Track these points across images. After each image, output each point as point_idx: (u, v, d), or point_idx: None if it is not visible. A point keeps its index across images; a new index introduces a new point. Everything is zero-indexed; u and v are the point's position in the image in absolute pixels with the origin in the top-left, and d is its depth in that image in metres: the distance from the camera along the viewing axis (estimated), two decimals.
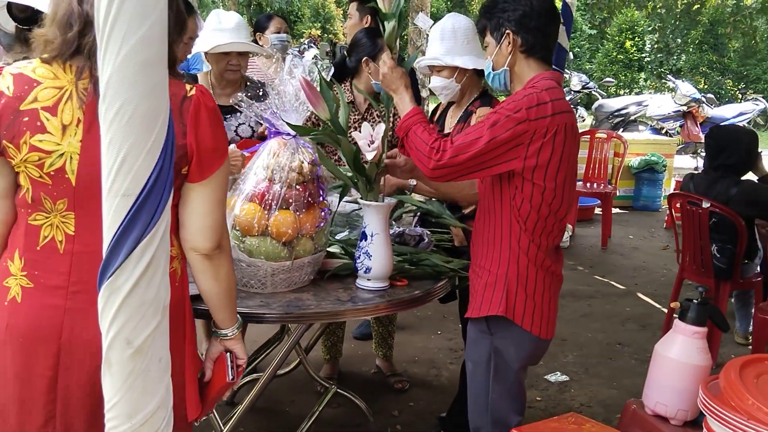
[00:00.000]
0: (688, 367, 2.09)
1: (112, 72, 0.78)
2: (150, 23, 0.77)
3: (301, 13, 26.58)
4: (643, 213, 7.79)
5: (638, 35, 17.54)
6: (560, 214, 2.09)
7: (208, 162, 1.52)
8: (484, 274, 2.16)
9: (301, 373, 3.37)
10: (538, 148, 1.97)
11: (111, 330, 0.87)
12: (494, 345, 2.17)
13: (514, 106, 1.97)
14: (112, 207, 0.83)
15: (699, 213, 3.77)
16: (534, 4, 2.04)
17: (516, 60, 2.08)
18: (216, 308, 1.70)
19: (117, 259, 0.84)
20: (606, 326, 4.59)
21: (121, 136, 0.80)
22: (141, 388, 0.89)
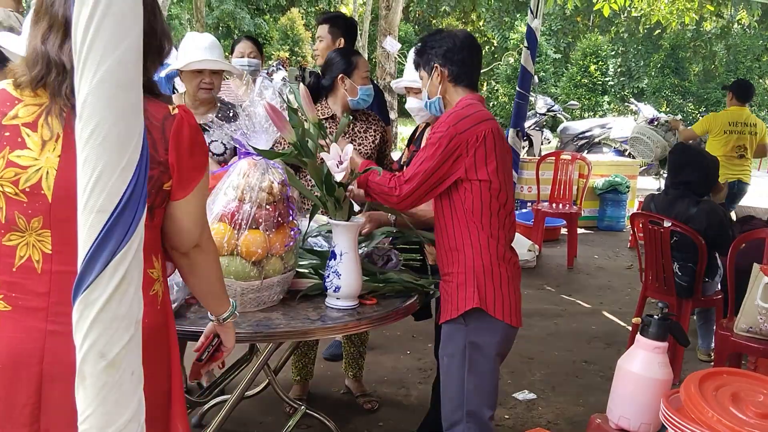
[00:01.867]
0: (649, 381, 2.15)
1: (88, 93, 0.81)
2: (125, 47, 0.80)
3: (270, 36, 26.68)
4: (608, 233, 7.93)
5: (602, 59, 17.93)
6: (508, 207, 2.35)
7: (188, 178, 1.54)
8: (454, 277, 2.35)
9: (270, 394, 3.36)
10: (474, 152, 2.24)
11: (85, 343, 0.88)
12: (469, 338, 2.33)
13: (444, 127, 2.27)
14: (87, 223, 0.85)
15: (660, 232, 3.87)
16: (456, 40, 2.38)
17: (446, 88, 2.41)
18: (203, 300, 1.82)
19: (91, 274, 0.86)
20: (572, 344, 4.65)
21: (96, 155, 0.83)
22: (114, 400, 0.91)
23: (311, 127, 2.34)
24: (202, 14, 18.00)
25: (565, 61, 19.69)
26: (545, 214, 6.76)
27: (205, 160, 1.62)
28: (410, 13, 21.86)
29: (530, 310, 5.28)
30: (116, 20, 0.79)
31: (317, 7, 26.58)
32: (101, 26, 0.79)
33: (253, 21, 26.16)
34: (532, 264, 6.43)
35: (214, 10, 25.21)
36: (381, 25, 9.21)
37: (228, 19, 25.79)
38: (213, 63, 3.09)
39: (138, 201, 0.87)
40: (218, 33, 25.08)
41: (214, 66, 3.10)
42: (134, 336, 0.92)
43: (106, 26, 0.79)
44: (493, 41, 21.18)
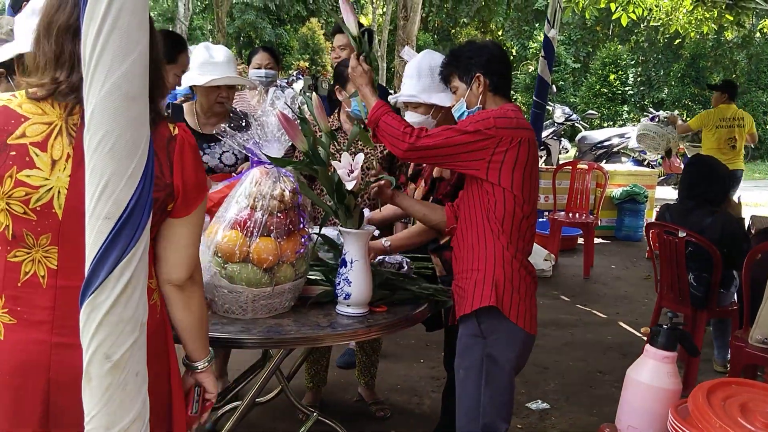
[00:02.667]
0: (658, 390, 2.15)
1: (96, 104, 0.84)
2: (131, 60, 0.84)
3: (290, 45, 26.90)
4: (626, 243, 7.89)
5: (621, 69, 17.85)
6: (531, 220, 2.35)
7: (192, 198, 1.57)
8: (472, 274, 2.35)
9: (282, 401, 3.38)
10: (503, 153, 2.24)
11: (91, 345, 0.92)
12: (487, 350, 2.33)
13: (484, 116, 2.28)
14: (94, 229, 0.89)
15: (675, 242, 3.85)
16: (495, 50, 2.42)
17: (486, 99, 2.39)
18: (188, 339, 1.72)
19: (98, 278, 0.89)
20: (587, 354, 4.63)
21: (103, 164, 0.86)
22: (119, 401, 0.94)
23: (323, 136, 2.38)
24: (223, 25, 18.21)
25: (585, 70, 19.64)
26: (561, 224, 6.75)
27: (206, 179, 1.65)
28: (429, 23, 21.95)
29: (545, 320, 5.28)
30: (123, 35, 0.82)
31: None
32: (108, 40, 0.82)
33: (273, 31, 26.41)
34: (548, 274, 6.41)
35: (235, 20, 25.48)
36: (399, 35, 9.24)
37: (249, 29, 26.06)
38: (234, 80, 3.12)
39: (143, 208, 0.90)
40: (239, 42, 25.34)
41: (235, 82, 3.13)
42: (139, 338, 0.95)
43: (114, 40, 0.82)
44: (512, 51, 21.18)
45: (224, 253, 2.23)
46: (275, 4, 25.60)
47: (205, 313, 1.74)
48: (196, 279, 1.67)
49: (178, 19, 17.14)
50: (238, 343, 2.21)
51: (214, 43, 12.29)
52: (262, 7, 25.37)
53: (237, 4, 24.92)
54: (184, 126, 1.60)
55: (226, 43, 19.71)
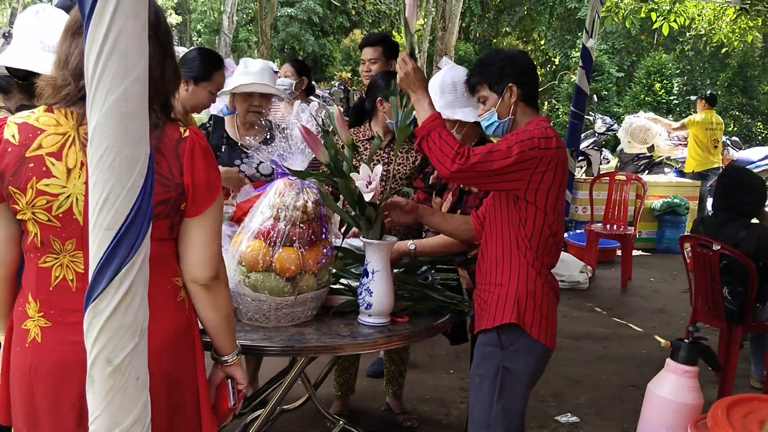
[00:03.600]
0: (678, 405, 2.13)
1: (98, 121, 0.90)
2: (130, 80, 0.89)
3: (333, 57, 27.17)
4: (666, 256, 7.76)
5: (666, 78, 17.55)
6: (558, 236, 2.36)
7: (203, 198, 1.63)
8: (495, 289, 2.37)
9: (311, 409, 3.43)
10: (542, 173, 2.23)
11: (94, 349, 0.97)
12: (503, 362, 2.34)
13: (528, 135, 2.22)
14: (96, 239, 0.94)
15: (709, 255, 3.79)
16: (525, 60, 2.40)
17: (518, 108, 2.36)
18: (216, 335, 1.81)
19: (100, 286, 0.94)
20: (621, 368, 4.58)
21: (104, 178, 0.91)
22: (120, 403, 0.99)
23: (346, 148, 2.42)
24: (267, 37, 18.51)
25: (629, 79, 19.38)
26: (599, 236, 6.67)
27: (219, 180, 1.70)
28: (470, 33, 21.93)
29: (579, 332, 5.23)
30: (122, 57, 0.87)
31: (380, 28, 26.94)
32: (109, 62, 0.87)
33: (317, 42, 26.69)
34: (584, 286, 6.35)
35: (280, 33, 25.84)
36: (438, 45, 9.28)
37: (293, 41, 26.39)
38: (261, 87, 3.22)
39: (143, 220, 0.95)
40: (283, 54, 25.68)
41: (261, 89, 3.23)
42: (138, 344, 0.99)
43: (113, 62, 0.87)
44: (554, 60, 21.04)
45: (248, 263, 2.28)
46: (319, 17, 25.89)
47: (231, 309, 1.83)
48: (221, 278, 1.74)
49: (223, 32, 17.46)
50: (260, 351, 2.26)
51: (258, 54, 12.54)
52: (306, 19, 25.69)
53: (281, 16, 25.28)
54: (197, 129, 1.68)
55: (270, 54, 20.02)
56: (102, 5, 0.85)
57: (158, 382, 1.60)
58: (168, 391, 1.66)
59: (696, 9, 8.56)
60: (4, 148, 1.50)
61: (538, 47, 22.39)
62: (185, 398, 1.72)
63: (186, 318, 1.71)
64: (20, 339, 1.60)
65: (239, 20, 27.17)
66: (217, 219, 1.70)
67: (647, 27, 16.12)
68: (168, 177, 1.57)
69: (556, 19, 20.23)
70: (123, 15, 0.86)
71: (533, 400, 3.96)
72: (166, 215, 1.60)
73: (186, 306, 1.71)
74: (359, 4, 27.18)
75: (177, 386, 1.69)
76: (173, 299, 1.68)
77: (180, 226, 1.65)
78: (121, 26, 0.86)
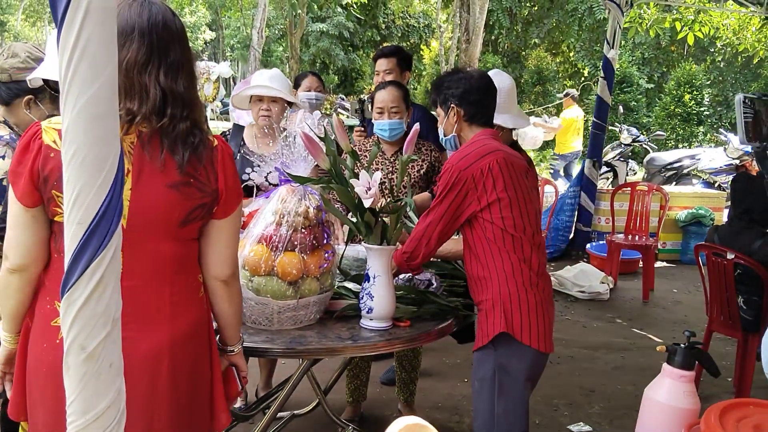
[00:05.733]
0: (674, 410, 2.14)
1: (69, 122, 0.96)
2: (99, 85, 0.95)
3: (362, 70, 27.36)
4: (690, 267, 7.64)
5: (696, 89, 17.35)
6: (528, 233, 2.38)
7: (232, 202, 1.78)
8: (483, 305, 2.42)
9: (323, 414, 3.46)
10: (483, 185, 2.31)
11: (69, 336, 1.02)
12: (498, 361, 2.38)
13: (449, 166, 2.38)
14: (70, 233, 1.00)
15: (724, 264, 3.77)
16: (472, 82, 2.47)
17: (462, 127, 2.50)
18: (226, 327, 1.95)
19: (73, 277, 1.00)
20: (637, 379, 4.53)
21: (76, 175, 0.97)
22: (93, 389, 1.04)
23: (347, 156, 2.48)
24: (297, 52, 18.74)
25: (658, 90, 19.19)
26: (620, 246, 6.63)
27: (240, 184, 1.84)
28: (498, 45, 21.93)
29: (597, 342, 5.20)
30: (90, 62, 0.94)
31: (409, 42, 27.08)
32: (78, 67, 0.94)
33: (346, 57, 26.92)
34: (604, 297, 6.32)
35: (311, 47, 26.12)
36: (461, 57, 9.33)
37: (323, 56, 26.66)
38: (267, 90, 3.29)
39: (113, 215, 1.01)
40: (314, 68, 25.93)
41: (266, 92, 3.29)
42: (111, 332, 1.05)
43: (82, 67, 0.94)
44: (583, 71, 20.92)
45: (251, 267, 2.35)
46: (349, 31, 26.12)
47: (241, 304, 1.98)
48: (237, 275, 1.89)
49: (252, 47, 17.72)
50: (262, 352, 2.32)
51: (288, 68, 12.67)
52: (336, 34, 25.94)
53: (313, 32, 25.57)
54: (221, 137, 1.80)
55: (300, 68, 20.23)
56: (72, 13, 0.91)
57: (182, 370, 1.74)
58: (189, 379, 1.77)
59: (721, 19, 8.48)
60: (46, 153, 1.57)
61: (567, 59, 22.30)
62: (202, 386, 1.85)
63: (205, 313, 1.84)
64: (49, 336, 1.65)
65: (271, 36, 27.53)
66: (238, 220, 1.84)
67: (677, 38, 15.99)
68: (206, 183, 1.70)
69: (585, 30, 20.13)
70: (92, 23, 0.92)
71: (546, 409, 3.97)
72: (200, 218, 1.73)
73: (205, 302, 1.84)
74: (389, 18, 27.36)
75: (196, 374, 1.81)
76: (196, 295, 1.81)
77: (206, 227, 1.78)
78: (90, 33, 0.92)
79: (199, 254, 1.81)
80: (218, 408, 1.89)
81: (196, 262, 1.81)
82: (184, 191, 1.66)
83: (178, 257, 1.73)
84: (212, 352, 1.87)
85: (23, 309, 1.74)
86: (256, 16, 17.80)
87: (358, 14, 24.77)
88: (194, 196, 1.68)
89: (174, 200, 1.65)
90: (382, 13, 26.66)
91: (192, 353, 1.78)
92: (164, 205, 1.64)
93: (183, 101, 1.68)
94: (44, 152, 1.58)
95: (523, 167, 2.44)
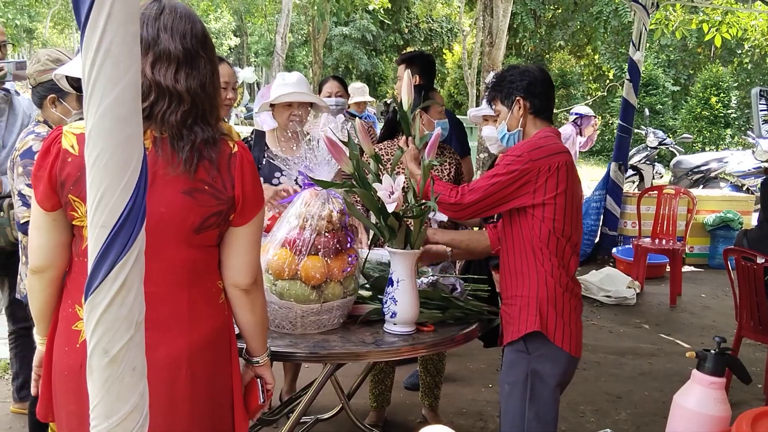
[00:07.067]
0: (704, 417, 2.09)
1: (93, 124, 0.96)
2: (122, 86, 0.95)
3: (385, 75, 27.41)
4: (719, 271, 7.52)
5: (723, 91, 17.12)
6: (573, 241, 2.38)
7: (250, 209, 1.73)
8: (517, 300, 2.41)
9: (346, 419, 3.45)
10: (544, 182, 2.29)
11: (92, 340, 1.02)
12: (531, 366, 2.37)
13: (519, 152, 2.33)
14: (94, 236, 1.00)
15: (754, 269, 3.70)
16: (537, 74, 2.45)
17: (526, 121, 2.46)
18: (250, 337, 1.90)
19: (96, 280, 1.00)
20: (665, 385, 4.47)
21: (99, 178, 0.97)
22: (117, 392, 1.04)
23: (371, 159, 2.46)
24: (320, 56, 18.81)
25: (685, 93, 18.97)
26: (647, 251, 6.54)
27: (262, 192, 1.80)
28: (522, 48, 21.83)
29: (623, 348, 5.14)
30: (113, 63, 0.93)
31: (432, 46, 27.09)
32: (102, 69, 0.93)
33: (369, 61, 27.00)
34: (631, 302, 6.24)
35: (333, 51, 26.23)
36: (484, 61, 9.31)
37: (346, 60, 26.76)
38: (300, 95, 3.28)
39: (136, 218, 1.00)
40: (337, 72, 26.04)
41: (301, 98, 3.28)
42: (135, 336, 1.04)
43: (106, 69, 0.93)
44: (608, 74, 20.75)
45: (274, 270, 2.34)
46: (372, 35, 26.21)
47: (266, 314, 1.93)
48: (259, 283, 1.84)
49: (276, 52, 17.81)
50: (286, 356, 2.31)
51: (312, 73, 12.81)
52: (359, 38, 26.03)
53: (336, 36, 25.68)
54: (243, 144, 1.75)
55: (324, 73, 20.31)
56: (96, 14, 0.91)
57: (202, 376, 1.71)
58: (209, 387, 1.74)
59: (749, 20, 8.36)
60: (63, 158, 1.59)
61: (591, 61, 22.14)
62: (222, 394, 1.81)
63: (225, 319, 1.80)
64: (71, 339, 1.66)
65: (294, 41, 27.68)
66: (259, 228, 1.79)
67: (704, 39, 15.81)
68: (221, 191, 1.66)
69: (610, 32, 19.98)
70: (115, 24, 0.92)
71: (572, 415, 3.92)
72: (217, 225, 1.69)
73: (225, 308, 1.81)
74: (412, 22, 27.39)
75: (216, 382, 1.77)
76: (215, 301, 1.77)
77: (225, 234, 1.74)
78: (113, 35, 0.92)
79: (219, 261, 1.78)
80: (238, 417, 1.85)
81: (215, 269, 1.78)
82: (198, 198, 1.63)
83: (195, 264, 1.70)
84: (233, 360, 1.84)
85: (47, 310, 1.76)
86: (279, 22, 17.89)
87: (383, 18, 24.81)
88: (209, 203, 1.65)
89: (188, 207, 1.62)
90: (405, 18, 26.71)
91: (211, 360, 1.75)
92: (178, 212, 1.62)
93: (197, 107, 1.65)
94: (62, 156, 1.59)
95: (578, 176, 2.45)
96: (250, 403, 1.94)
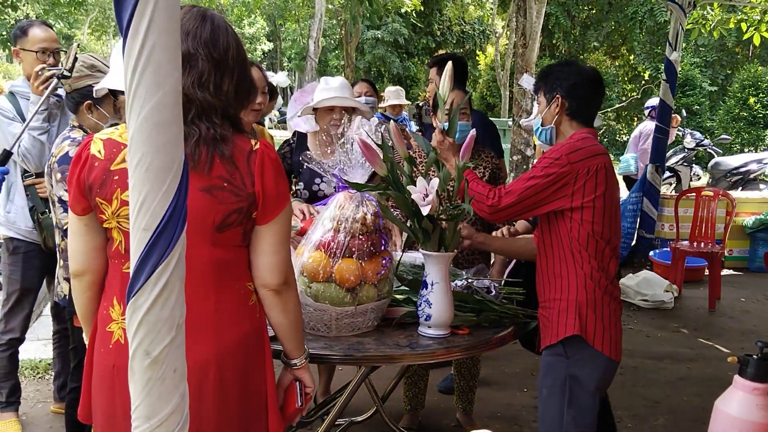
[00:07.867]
0: (747, 423, 2.05)
1: (135, 129, 0.97)
2: (163, 92, 0.96)
3: (417, 78, 27.39)
4: (759, 275, 7.37)
5: (762, 91, 16.76)
6: (612, 242, 2.36)
7: (272, 206, 1.71)
8: (555, 304, 2.38)
9: (380, 422, 3.45)
10: (583, 185, 2.27)
11: (134, 342, 1.04)
12: (570, 370, 2.35)
13: (556, 154, 2.29)
14: (136, 239, 1.02)
15: None
16: (584, 76, 2.40)
17: (561, 120, 2.43)
18: (285, 339, 1.87)
19: (138, 282, 1.01)
20: (704, 390, 4.39)
21: (141, 182, 0.99)
22: (158, 394, 1.05)
23: (404, 162, 2.46)
24: (352, 60, 18.88)
25: (722, 93, 18.63)
26: (685, 254, 6.43)
27: (287, 189, 1.78)
28: (556, 49, 21.66)
29: (662, 353, 5.06)
30: (155, 70, 0.95)
31: (464, 48, 27.00)
32: (143, 75, 0.95)
33: (401, 64, 27.00)
34: (669, 305, 6.14)
35: (366, 55, 26.30)
36: (518, 62, 9.28)
37: (379, 63, 26.80)
38: (342, 100, 3.30)
39: (177, 221, 1.02)
40: (369, 76, 26.11)
41: (343, 103, 3.30)
42: (176, 337, 1.06)
43: (147, 75, 0.95)
44: (644, 75, 20.48)
45: (309, 273, 2.35)
46: (404, 38, 26.20)
47: (300, 314, 1.89)
48: (291, 283, 1.81)
49: (309, 56, 17.94)
50: (321, 359, 2.31)
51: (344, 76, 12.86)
52: (391, 41, 26.04)
53: (368, 39, 25.74)
54: (266, 142, 1.75)
55: (356, 76, 20.39)
56: (138, 21, 0.92)
57: (231, 381, 1.70)
58: (240, 390, 1.73)
59: None
60: (91, 163, 1.63)
61: (626, 62, 21.87)
62: (255, 398, 1.79)
63: (257, 321, 1.78)
64: (104, 340, 1.69)
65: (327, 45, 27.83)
66: (286, 227, 1.77)
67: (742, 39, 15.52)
68: (240, 187, 1.66)
69: (646, 32, 19.73)
70: (156, 30, 0.93)
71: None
72: (239, 223, 1.68)
73: (257, 310, 1.78)
74: (444, 25, 27.33)
75: (248, 385, 1.76)
76: (245, 303, 1.75)
77: (252, 233, 1.73)
78: (154, 41, 0.94)
79: (248, 262, 1.76)
80: (272, 421, 1.82)
81: (245, 270, 1.76)
82: (217, 195, 1.63)
83: (220, 264, 1.68)
84: (266, 363, 1.81)
85: (88, 314, 1.79)
86: (312, 26, 18.02)
87: (416, 21, 24.82)
88: (229, 201, 1.64)
89: (207, 204, 1.62)
90: (438, 20, 26.67)
91: (242, 363, 1.73)
92: (198, 210, 1.60)
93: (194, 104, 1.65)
94: (90, 162, 1.63)
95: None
96: (288, 406, 1.93)
